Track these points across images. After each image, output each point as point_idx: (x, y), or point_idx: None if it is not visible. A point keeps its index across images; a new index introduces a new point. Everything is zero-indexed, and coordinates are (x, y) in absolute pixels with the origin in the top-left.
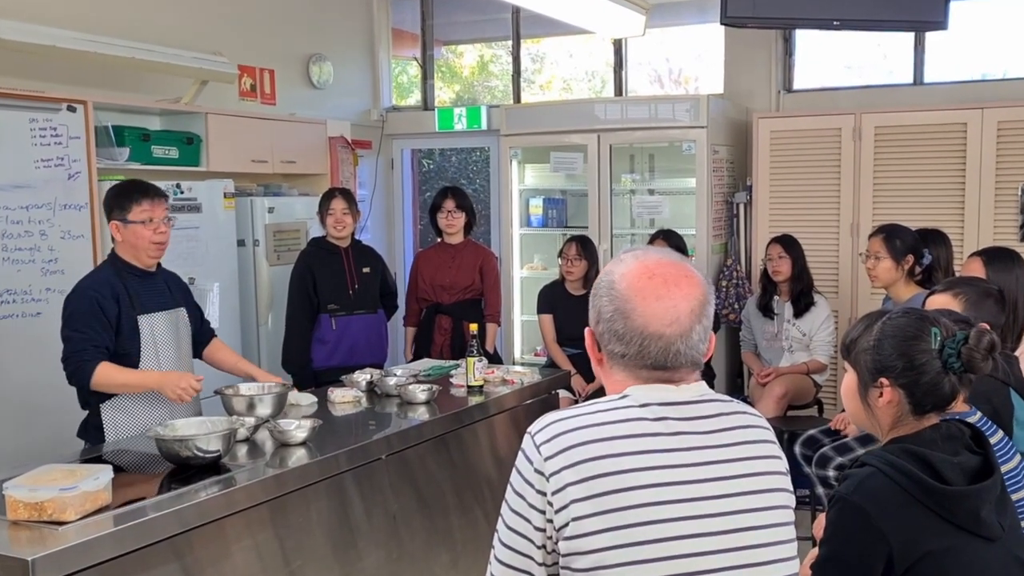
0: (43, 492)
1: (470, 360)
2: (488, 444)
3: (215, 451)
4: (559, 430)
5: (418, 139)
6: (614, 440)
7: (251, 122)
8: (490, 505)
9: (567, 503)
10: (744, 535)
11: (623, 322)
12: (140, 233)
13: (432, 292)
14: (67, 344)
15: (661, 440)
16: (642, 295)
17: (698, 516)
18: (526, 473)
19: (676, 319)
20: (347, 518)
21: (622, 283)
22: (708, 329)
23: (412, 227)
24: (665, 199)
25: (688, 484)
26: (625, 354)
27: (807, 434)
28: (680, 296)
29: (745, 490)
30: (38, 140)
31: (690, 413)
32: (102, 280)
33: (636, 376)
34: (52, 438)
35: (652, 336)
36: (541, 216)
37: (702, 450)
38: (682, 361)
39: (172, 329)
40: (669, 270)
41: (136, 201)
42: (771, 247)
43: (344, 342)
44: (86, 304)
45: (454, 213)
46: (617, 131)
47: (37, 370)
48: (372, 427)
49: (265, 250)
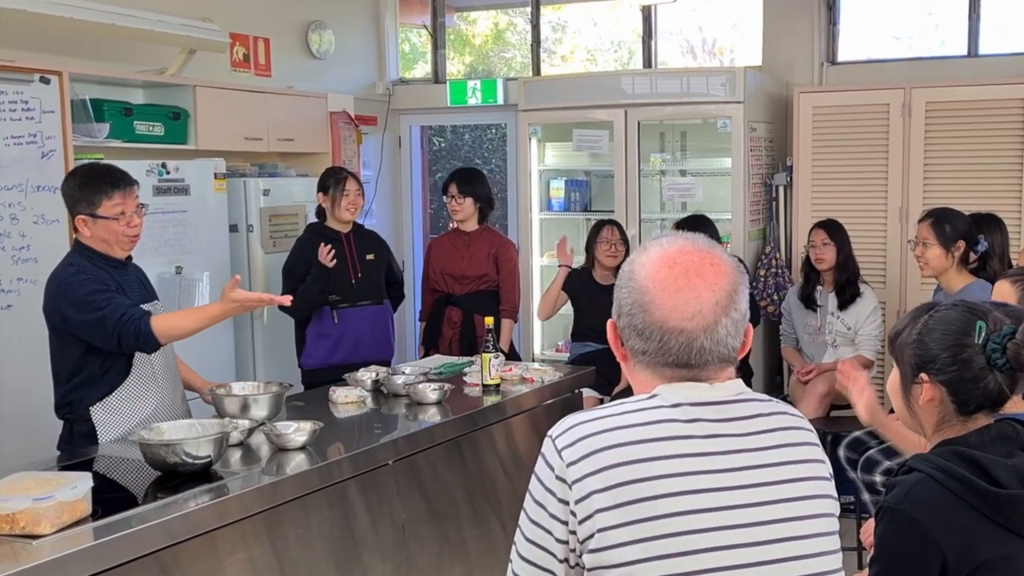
0: (15, 503)
1: (485, 356)
2: (505, 448)
3: (205, 457)
4: (582, 433)
5: (428, 115)
6: (643, 443)
7: (244, 96)
8: (507, 515)
9: (592, 513)
10: (785, 546)
11: (642, 316)
12: (112, 228)
13: (443, 282)
14: (100, 322)
15: (694, 443)
16: (661, 286)
17: (735, 526)
18: (547, 480)
19: (698, 312)
20: (351, 529)
21: (641, 273)
22: (739, 322)
23: (421, 212)
24: (698, 181)
25: (723, 491)
26: (646, 351)
27: (852, 436)
28: (703, 286)
29: (786, 497)
30: (7, 115)
31: (725, 414)
32: (83, 267)
33: (659, 375)
34: (25, 444)
35: (672, 331)
36: (563, 199)
37: (738, 454)
38: (708, 358)
39: None
40: (692, 258)
41: (106, 195)
42: (814, 233)
43: (347, 337)
44: (88, 282)
45: (458, 199)
46: (646, 106)
47: (8, 369)
48: (378, 430)
49: (260, 236)
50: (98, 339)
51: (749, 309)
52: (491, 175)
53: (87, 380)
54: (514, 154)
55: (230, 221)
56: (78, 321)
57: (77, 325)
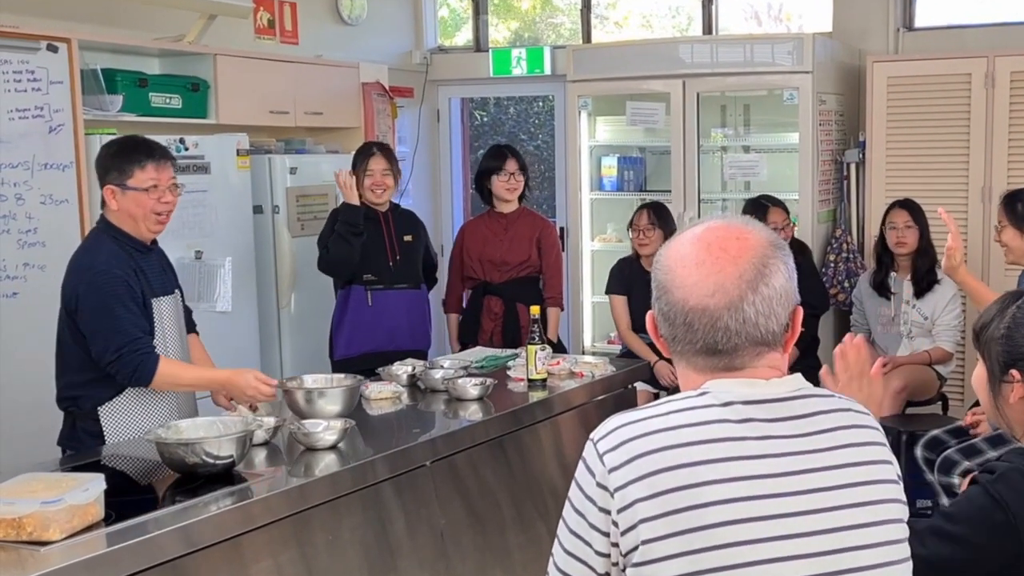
0: (21, 506)
1: (531, 349)
2: (552, 448)
3: (228, 457)
4: (626, 436)
5: (469, 86)
6: (691, 447)
7: (269, 65)
8: (554, 520)
9: (635, 523)
10: (849, 556)
11: (666, 298)
12: (141, 201)
13: (480, 269)
14: (111, 336)
15: (746, 446)
16: (682, 264)
17: (792, 535)
18: (587, 487)
19: (720, 287)
20: (385, 535)
21: (666, 254)
22: (773, 300)
23: (462, 191)
24: (762, 158)
25: (780, 497)
26: (674, 337)
27: (930, 435)
28: (726, 260)
29: (849, 502)
30: (12, 86)
31: (781, 412)
32: (114, 253)
33: (694, 366)
34: (32, 442)
35: (695, 310)
36: (615, 178)
37: (796, 456)
38: (736, 342)
39: (175, 317)
40: (719, 232)
41: (139, 164)
42: (895, 213)
43: (382, 323)
44: (116, 283)
45: (516, 176)
46: (706, 77)
47: (14, 362)
48: (415, 429)
49: (286, 218)
50: (96, 347)
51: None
52: (537, 152)
53: (98, 377)
54: (562, 129)
55: (254, 202)
56: (89, 319)
57: (85, 322)
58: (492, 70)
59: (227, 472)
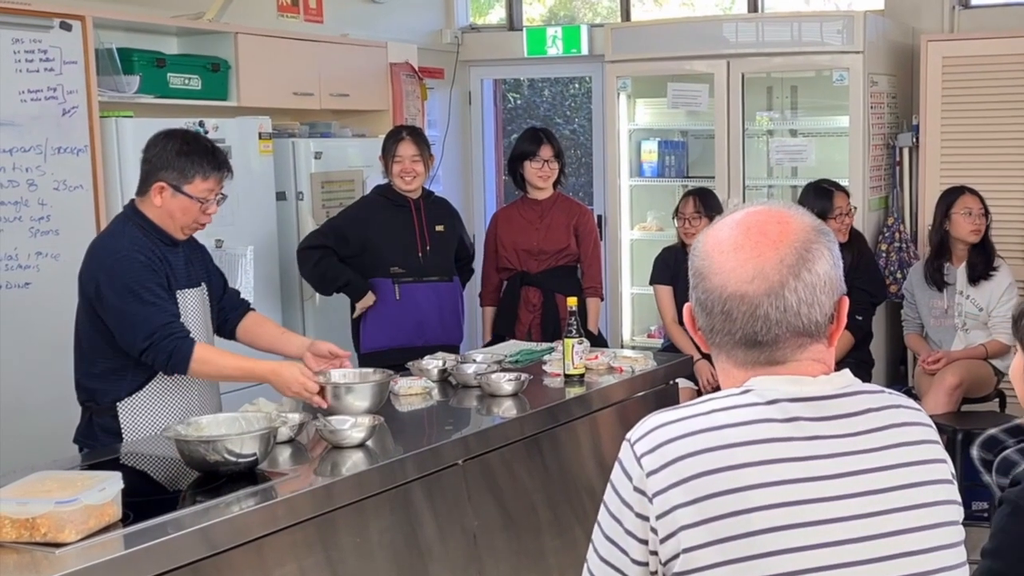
0: (35, 506)
1: (568, 342)
2: (591, 447)
3: (250, 455)
4: (665, 437)
5: (502, 67)
6: (734, 448)
7: (292, 44)
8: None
9: (675, 530)
10: (903, 562)
11: (703, 285)
12: (189, 210)
13: (516, 259)
14: (140, 323)
15: (793, 446)
16: (720, 248)
17: (842, 541)
18: (623, 492)
19: (759, 272)
20: (415, 538)
21: (703, 238)
22: (816, 288)
23: (495, 177)
24: (810, 142)
25: (828, 501)
26: (712, 327)
27: (987, 434)
28: (766, 244)
29: (903, 505)
30: (23, 66)
31: (829, 411)
32: (138, 240)
33: (734, 360)
34: (46, 439)
35: (733, 297)
36: (656, 163)
37: (846, 457)
38: (777, 332)
39: (201, 312)
40: (760, 217)
41: (203, 174)
42: (968, 199)
43: (409, 316)
44: (140, 268)
45: (551, 163)
46: (751, 57)
47: (26, 355)
48: (446, 426)
49: (311, 205)
50: (125, 336)
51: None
52: (573, 136)
53: (117, 368)
54: (600, 112)
55: (277, 188)
56: (113, 306)
57: (110, 310)
58: (526, 50)
59: (250, 471)
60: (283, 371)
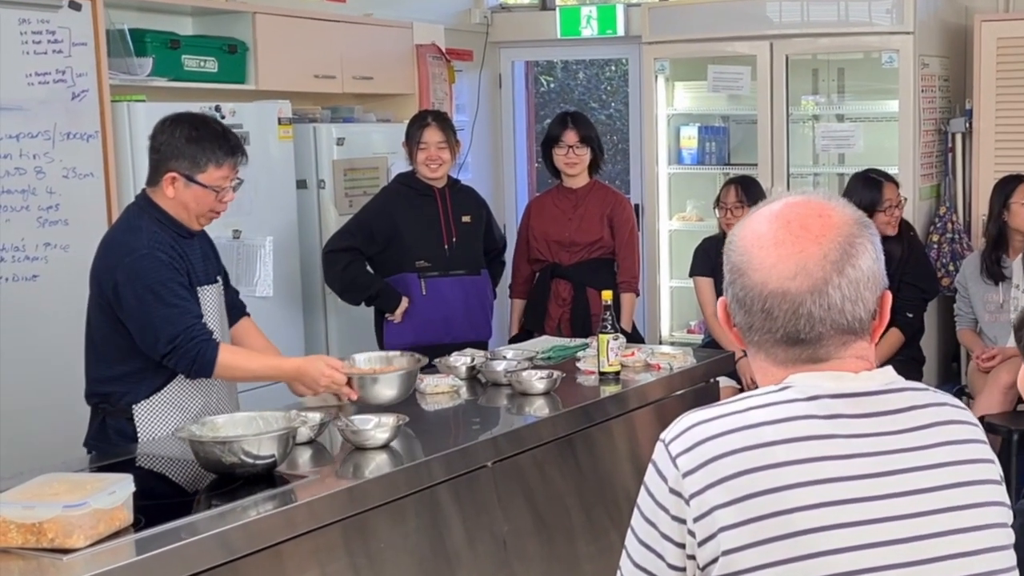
0: (42, 510)
1: (603, 338)
2: (626, 448)
3: (269, 456)
4: (701, 436)
5: (534, 48)
6: (773, 446)
7: (314, 25)
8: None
9: (714, 532)
10: (950, 564)
11: (741, 281)
12: (203, 199)
13: (547, 250)
14: (162, 325)
15: (835, 444)
16: (759, 243)
17: (887, 542)
18: (659, 494)
19: (802, 268)
20: (442, 543)
21: (740, 231)
22: (860, 283)
23: (526, 164)
24: (858, 127)
25: (872, 501)
26: (751, 325)
27: None
28: (809, 239)
29: (950, 505)
30: (31, 47)
31: (873, 407)
32: (156, 236)
33: (774, 358)
34: (53, 439)
35: (775, 294)
36: (696, 150)
37: (889, 455)
38: (820, 330)
39: (218, 308)
40: (800, 210)
41: (216, 161)
42: None
43: (436, 312)
44: (161, 267)
45: (577, 149)
46: (796, 38)
47: (33, 352)
48: (475, 425)
49: (333, 194)
50: (146, 339)
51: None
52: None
53: (135, 371)
54: (637, 96)
55: (297, 176)
56: (133, 308)
57: (129, 312)
58: (559, 30)
59: (268, 473)
60: (309, 368)
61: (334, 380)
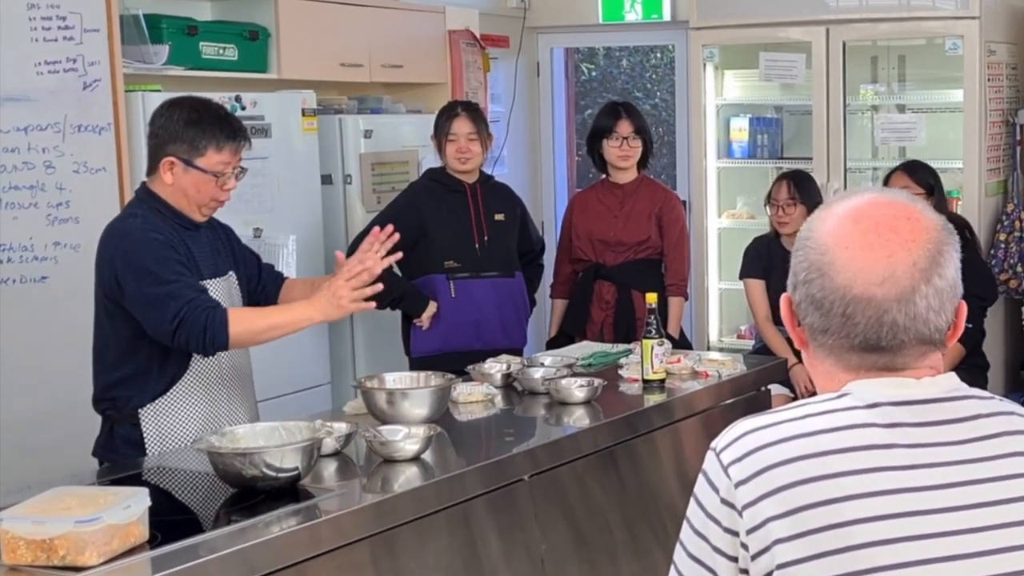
0: (53, 526)
1: (647, 343)
2: (672, 461)
3: (292, 469)
4: (754, 444)
5: (574, 34)
6: (830, 456)
7: (340, 10)
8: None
9: (768, 544)
10: None
11: (820, 282)
12: (203, 186)
13: (591, 250)
14: (164, 302)
15: (896, 454)
16: (844, 243)
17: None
18: (709, 505)
19: (890, 275)
20: (476, 561)
21: (820, 230)
22: (945, 293)
23: (566, 158)
24: (920, 119)
25: (935, 514)
26: (826, 328)
27: None
28: (897, 244)
29: (1017, 519)
30: (40, 34)
31: (936, 415)
32: (152, 221)
33: (844, 363)
34: (64, 450)
35: (859, 300)
36: (747, 143)
37: (954, 466)
38: (903, 338)
39: (228, 302)
40: (885, 211)
41: (216, 144)
42: None
43: (466, 316)
44: (158, 246)
45: (631, 140)
46: (853, 23)
47: (43, 357)
48: (510, 437)
49: (360, 189)
50: (151, 321)
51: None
52: (654, 112)
53: (137, 372)
54: (684, 85)
55: (322, 170)
56: (134, 293)
57: (132, 298)
58: (601, 15)
59: (291, 487)
60: (319, 301)
61: (352, 299)
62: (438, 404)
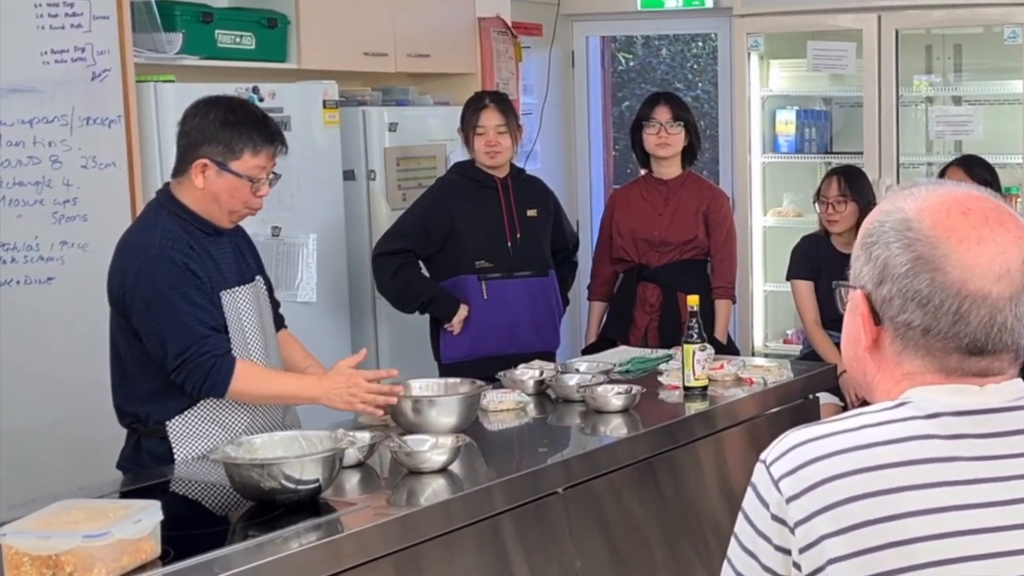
0: (60, 540)
1: (688, 348)
2: (714, 473)
3: (312, 481)
4: (807, 457)
5: (611, 22)
6: (888, 469)
7: None
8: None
9: (822, 564)
10: None
11: (929, 277)
12: (237, 191)
13: (633, 249)
14: (171, 335)
15: (958, 468)
16: (957, 236)
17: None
18: (759, 521)
19: (1006, 271)
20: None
21: (924, 220)
22: None
23: (602, 152)
24: (977, 111)
25: (1002, 531)
26: (930, 328)
27: None
28: (1009, 239)
29: None
30: (46, 21)
31: (1000, 426)
32: (173, 235)
33: (941, 365)
34: (71, 460)
35: (974, 297)
36: (794, 137)
37: (1020, 481)
38: (1007, 340)
39: (255, 310)
40: (988, 204)
41: (253, 147)
42: None
43: (498, 318)
44: (174, 269)
45: (669, 128)
46: (907, 10)
47: (49, 363)
48: (543, 448)
49: (384, 185)
50: (154, 350)
51: None
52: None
53: (164, 387)
54: (727, 76)
55: (344, 165)
56: (142, 316)
57: (138, 320)
58: (640, 1)
59: (311, 500)
60: (330, 388)
61: (367, 388)
62: (467, 413)
